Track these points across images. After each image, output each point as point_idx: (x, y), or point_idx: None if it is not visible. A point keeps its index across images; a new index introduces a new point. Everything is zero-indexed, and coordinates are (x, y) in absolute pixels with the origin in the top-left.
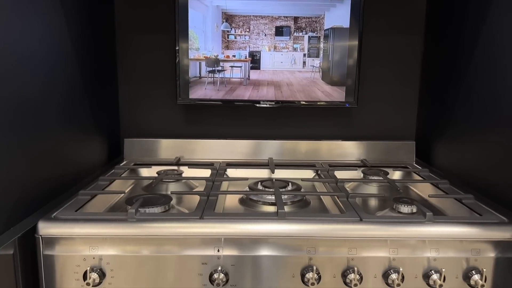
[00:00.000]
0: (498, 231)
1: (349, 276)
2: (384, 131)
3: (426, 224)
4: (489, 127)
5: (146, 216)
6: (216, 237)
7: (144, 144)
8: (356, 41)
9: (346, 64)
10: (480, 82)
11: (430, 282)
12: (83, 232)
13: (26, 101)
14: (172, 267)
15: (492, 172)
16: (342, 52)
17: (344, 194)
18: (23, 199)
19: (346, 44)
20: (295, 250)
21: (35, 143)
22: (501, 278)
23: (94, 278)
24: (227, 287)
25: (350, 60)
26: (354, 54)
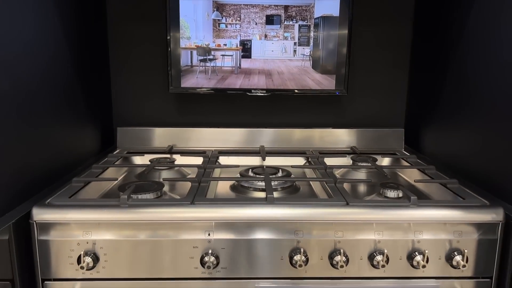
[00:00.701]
0: (480, 214)
1: (335, 258)
2: (374, 119)
3: (411, 208)
4: (473, 116)
5: (138, 202)
6: (206, 222)
7: (137, 132)
8: (346, 29)
9: (336, 52)
10: (465, 72)
11: (414, 263)
12: (77, 218)
13: (20, 89)
14: (164, 251)
15: (476, 158)
16: (332, 40)
17: (332, 179)
18: (17, 186)
19: (336, 33)
20: (284, 233)
21: (29, 131)
22: (482, 259)
23: (88, 262)
24: (217, 270)
25: (340, 48)
26: (344, 43)
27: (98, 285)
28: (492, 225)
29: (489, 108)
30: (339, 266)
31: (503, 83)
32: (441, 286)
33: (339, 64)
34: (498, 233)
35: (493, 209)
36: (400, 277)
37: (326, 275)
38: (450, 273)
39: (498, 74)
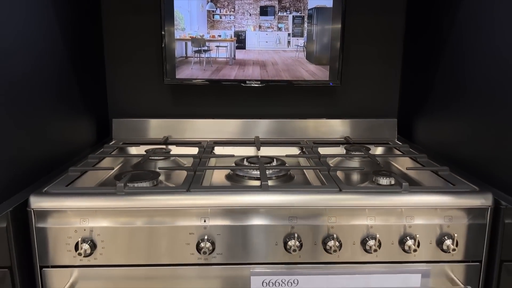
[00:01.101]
0: (470, 199)
1: (329, 243)
2: (367, 109)
3: (402, 194)
4: (464, 106)
5: (135, 190)
6: (202, 208)
7: (132, 124)
8: (340, 20)
9: (330, 43)
10: (457, 64)
11: (405, 248)
12: (74, 205)
13: (18, 81)
14: (161, 238)
15: (466, 147)
16: (326, 31)
17: (326, 168)
18: (14, 175)
19: (330, 24)
20: (278, 219)
21: (25, 122)
22: (471, 243)
23: (86, 249)
24: (213, 256)
25: (334, 39)
26: (337, 34)
27: (95, 272)
28: (481, 210)
29: (479, 99)
30: (332, 251)
31: (492, 75)
32: (432, 270)
33: (333, 55)
34: (487, 217)
35: (482, 194)
36: (392, 262)
37: (319, 260)
38: (440, 257)
39: (487, 66)
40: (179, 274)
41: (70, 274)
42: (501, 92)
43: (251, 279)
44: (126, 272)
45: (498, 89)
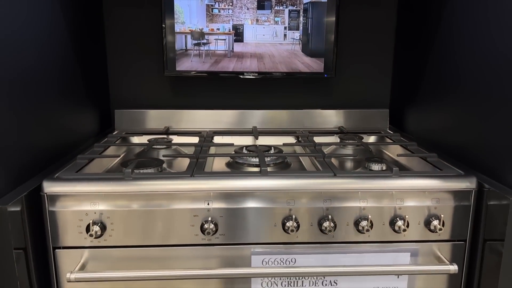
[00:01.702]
0: (456, 182)
1: (324, 224)
2: (360, 100)
3: (393, 178)
4: (451, 97)
5: (141, 175)
6: (206, 192)
7: (134, 115)
8: (334, 14)
9: (325, 36)
10: (444, 57)
11: (396, 228)
12: (84, 190)
13: (26, 74)
14: (167, 220)
15: (453, 135)
16: (321, 25)
17: (321, 155)
18: (25, 162)
19: (324, 17)
20: (277, 202)
21: (35, 113)
22: (457, 223)
23: (96, 231)
24: (216, 236)
25: (328, 32)
26: (332, 27)
27: (105, 252)
28: (466, 192)
29: (465, 92)
30: (327, 231)
31: (476, 70)
32: (420, 249)
33: (327, 48)
34: (471, 200)
35: (467, 178)
36: (383, 241)
37: (315, 240)
38: (428, 237)
39: (472, 62)
40: (184, 254)
41: (81, 254)
42: (485, 85)
43: (252, 258)
44: (134, 253)
45: (482, 83)
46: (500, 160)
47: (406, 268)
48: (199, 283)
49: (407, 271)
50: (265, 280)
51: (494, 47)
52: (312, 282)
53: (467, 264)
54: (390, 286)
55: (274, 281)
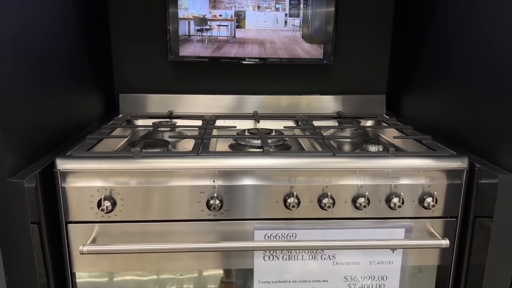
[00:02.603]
0: (448, 162)
1: (323, 200)
2: (358, 86)
3: (389, 158)
4: (445, 83)
5: (150, 154)
6: (211, 170)
7: (138, 99)
8: (333, 2)
9: (324, 23)
10: (438, 44)
11: (391, 205)
12: (96, 167)
13: (37, 59)
14: (174, 196)
15: (447, 118)
16: (320, 12)
17: (321, 137)
18: (38, 141)
19: (324, 5)
20: (278, 180)
21: (45, 96)
22: (449, 201)
23: (107, 206)
24: (221, 212)
25: (328, 19)
26: (331, 14)
27: (115, 227)
28: (458, 171)
29: (458, 77)
30: (326, 207)
31: (467, 59)
32: (414, 225)
33: (327, 35)
34: (463, 178)
35: (459, 158)
36: (379, 218)
37: (315, 216)
38: (422, 214)
39: (464, 50)
40: (191, 229)
41: (92, 229)
42: (477, 72)
43: (255, 233)
44: (143, 227)
45: (474, 70)
46: (491, 142)
47: (401, 242)
48: (204, 256)
49: (401, 245)
50: (267, 254)
51: (486, 36)
52: (311, 256)
53: (458, 240)
54: (386, 260)
55: (275, 255)
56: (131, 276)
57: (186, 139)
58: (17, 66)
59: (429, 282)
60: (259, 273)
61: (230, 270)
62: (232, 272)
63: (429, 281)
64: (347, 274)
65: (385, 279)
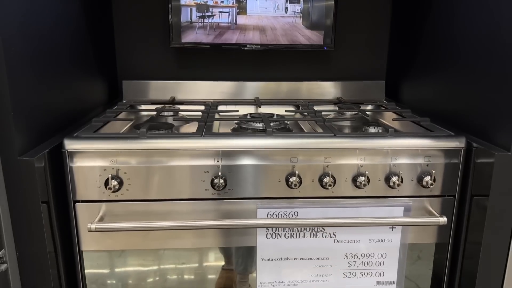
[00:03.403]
0: (446, 142)
1: (324, 179)
2: (358, 72)
3: (388, 138)
4: (443, 68)
5: (156, 134)
6: (215, 150)
7: (141, 85)
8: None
9: (324, 10)
10: (437, 31)
11: (391, 184)
12: (103, 147)
13: (44, 43)
14: (179, 175)
15: (445, 102)
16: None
17: (322, 119)
18: (46, 123)
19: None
20: (281, 160)
21: (52, 80)
22: (447, 180)
23: (114, 185)
24: (225, 191)
25: (328, 6)
26: (331, 0)
27: (122, 206)
28: (455, 151)
29: (454, 60)
30: (327, 186)
31: (465, 44)
32: (413, 204)
33: (327, 21)
34: (460, 157)
35: (457, 138)
36: (379, 196)
37: (316, 195)
38: (420, 192)
39: (461, 36)
40: (196, 208)
41: (99, 208)
42: (474, 57)
43: (258, 212)
44: (148, 206)
45: (471, 55)
46: (487, 122)
47: (400, 220)
48: (208, 234)
49: (400, 223)
50: (270, 232)
51: (482, 19)
52: (313, 234)
53: (456, 218)
54: (385, 238)
55: (277, 233)
56: (132, 267)
57: (189, 124)
58: (25, 50)
59: (428, 260)
60: (262, 251)
61: (231, 257)
62: (232, 259)
63: (428, 259)
64: (347, 251)
65: (384, 257)
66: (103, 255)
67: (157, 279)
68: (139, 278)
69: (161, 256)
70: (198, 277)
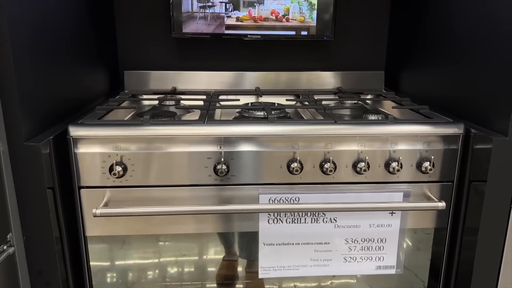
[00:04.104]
0: (445, 128)
1: (325, 165)
2: (357, 62)
3: (388, 124)
4: (440, 56)
5: (159, 122)
6: (218, 137)
7: (142, 75)
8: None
9: None
10: (434, 22)
11: (390, 169)
12: (107, 134)
13: (47, 35)
14: (183, 162)
15: (444, 91)
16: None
17: (322, 107)
18: (51, 111)
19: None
20: (282, 146)
21: (57, 69)
22: (445, 166)
23: (119, 171)
24: (228, 177)
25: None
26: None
27: (126, 192)
28: (454, 137)
29: (453, 51)
30: (328, 171)
31: (463, 34)
32: (412, 189)
33: (327, 11)
34: (459, 144)
35: (455, 124)
36: (379, 182)
37: (317, 181)
38: (419, 178)
39: (459, 24)
40: (198, 194)
41: (104, 194)
42: (472, 46)
43: (260, 197)
44: (152, 192)
45: (469, 44)
46: (485, 109)
47: (400, 204)
48: (211, 219)
49: (400, 208)
50: (271, 217)
51: (480, 10)
52: (314, 219)
53: (454, 203)
54: (385, 223)
55: (279, 218)
56: (133, 260)
57: (191, 113)
58: (29, 39)
59: (427, 251)
60: (264, 236)
61: (232, 248)
62: (233, 250)
63: (427, 249)
64: (347, 236)
65: (384, 242)
66: (104, 247)
67: (156, 272)
68: (140, 269)
69: (162, 247)
70: (198, 270)
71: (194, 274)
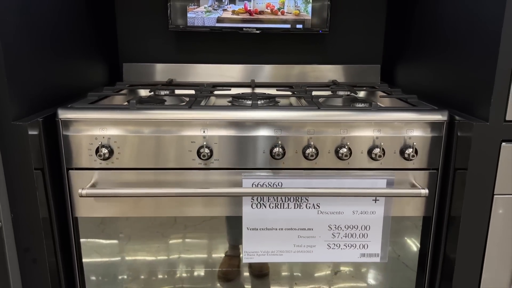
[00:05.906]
0: (429, 115)
1: (307, 151)
2: (353, 56)
3: (372, 111)
4: (431, 50)
5: (145, 106)
6: (202, 121)
7: (141, 68)
8: None
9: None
10: (428, 17)
11: (373, 156)
12: (94, 117)
13: (43, 20)
14: (167, 145)
15: (434, 84)
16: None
17: (310, 96)
18: (44, 95)
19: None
20: (265, 131)
21: (52, 56)
22: (430, 153)
23: (105, 153)
24: (211, 161)
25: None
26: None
27: (113, 174)
28: (438, 124)
29: (443, 45)
30: (309, 156)
31: (453, 30)
32: (397, 177)
33: (322, 4)
34: (443, 131)
35: (440, 111)
36: (362, 168)
37: (300, 166)
38: (404, 165)
39: (450, 22)
40: (183, 177)
41: (91, 175)
42: (462, 40)
43: (243, 181)
44: (138, 175)
45: (459, 39)
46: (470, 98)
47: (382, 191)
48: (195, 202)
49: (382, 194)
50: (255, 202)
51: (466, 8)
52: (297, 204)
53: (439, 191)
54: (368, 210)
55: (262, 203)
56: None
57: (183, 102)
58: (21, 23)
59: (416, 234)
60: (247, 220)
61: (237, 244)
62: (237, 247)
63: (416, 233)
64: (331, 223)
65: (368, 229)
66: (94, 227)
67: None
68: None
69: (165, 242)
70: (201, 265)
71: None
